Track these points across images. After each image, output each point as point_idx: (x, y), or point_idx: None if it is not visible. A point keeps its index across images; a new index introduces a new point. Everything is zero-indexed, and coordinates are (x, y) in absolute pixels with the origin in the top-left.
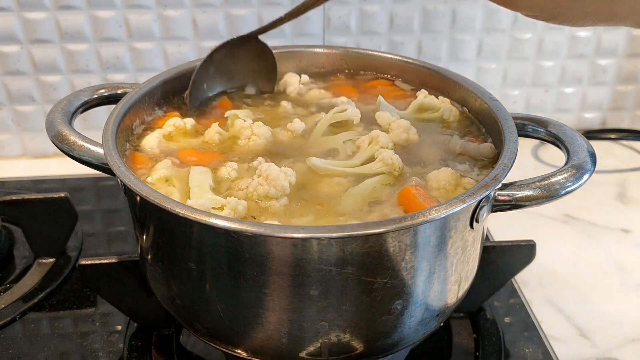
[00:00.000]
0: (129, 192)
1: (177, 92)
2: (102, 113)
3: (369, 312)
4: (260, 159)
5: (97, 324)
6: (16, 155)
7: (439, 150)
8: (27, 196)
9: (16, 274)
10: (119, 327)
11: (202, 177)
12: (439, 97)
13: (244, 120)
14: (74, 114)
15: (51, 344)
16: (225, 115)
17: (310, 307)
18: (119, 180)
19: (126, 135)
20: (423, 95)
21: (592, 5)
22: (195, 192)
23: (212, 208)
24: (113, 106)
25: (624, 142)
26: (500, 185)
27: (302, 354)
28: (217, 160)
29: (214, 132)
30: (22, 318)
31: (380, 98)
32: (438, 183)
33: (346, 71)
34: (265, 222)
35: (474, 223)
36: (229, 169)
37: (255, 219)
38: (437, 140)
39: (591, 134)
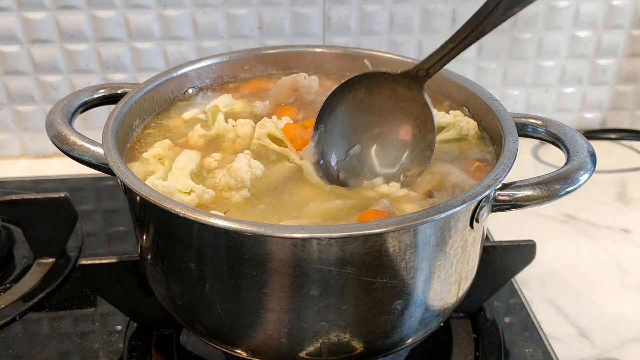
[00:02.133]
0: (128, 192)
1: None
2: (102, 113)
3: (369, 312)
4: (240, 154)
5: (97, 324)
6: (16, 155)
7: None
8: (27, 196)
9: (16, 274)
10: (119, 327)
11: (188, 160)
12: (450, 111)
13: (227, 122)
14: (74, 114)
15: (51, 344)
16: (205, 111)
17: (310, 307)
18: (118, 180)
19: (126, 135)
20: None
21: None
22: (174, 173)
23: (178, 191)
24: (113, 106)
25: (624, 142)
26: (500, 185)
27: (302, 354)
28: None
29: (197, 136)
30: (22, 318)
31: None
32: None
33: (347, 73)
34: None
35: (474, 223)
36: (211, 160)
37: (227, 212)
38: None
39: (591, 134)
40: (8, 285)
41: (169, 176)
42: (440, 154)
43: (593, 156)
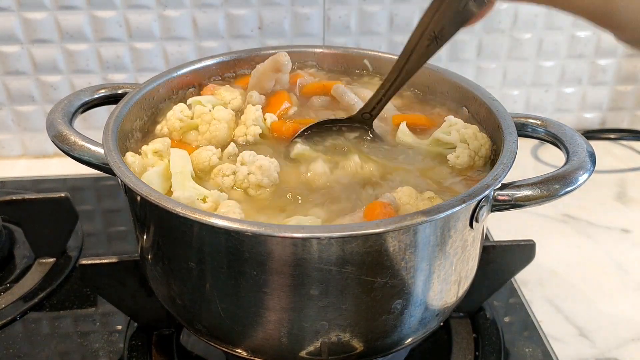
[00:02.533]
0: (129, 192)
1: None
2: (102, 113)
3: (369, 312)
4: (232, 144)
5: (97, 323)
6: (16, 155)
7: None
8: (27, 196)
9: (16, 273)
10: (119, 327)
11: (183, 162)
12: (466, 130)
13: (204, 105)
14: (74, 114)
15: (51, 344)
16: (187, 103)
17: (310, 307)
18: (119, 180)
19: (126, 135)
20: (447, 124)
21: None
22: (178, 180)
23: (197, 199)
24: (113, 106)
25: (624, 142)
26: (499, 185)
27: (302, 354)
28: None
29: (174, 118)
30: (22, 318)
31: (403, 125)
32: (409, 198)
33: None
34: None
35: (474, 223)
36: (209, 153)
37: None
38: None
39: (591, 134)
40: (8, 285)
41: (175, 185)
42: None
43: (592, 156)
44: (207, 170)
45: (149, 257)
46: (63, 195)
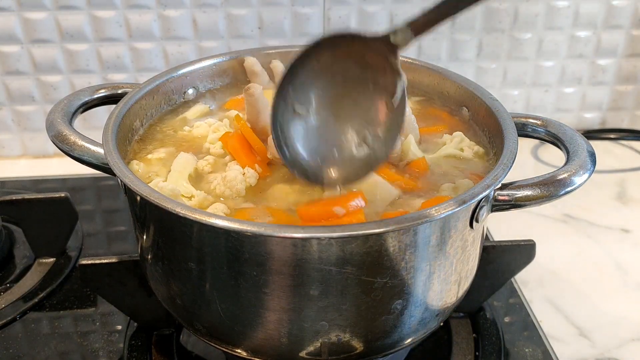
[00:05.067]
0: (129, 192)
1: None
2: (102, 113)
3: (369, 312)
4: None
5: (97, 323)
6: (16, 155)
7: None
8: (27, 196)
9: (16, 273)
10: (119, 327)
11: (186, 163)
12: (466, 148)
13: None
14: (74, 114)
15: (51, 344)
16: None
17: (310, 307)
18: (119, 180)
19: (126, 135)
20: (458, 141)
21: None
22: (173, 176)
23: (182, 195)
24: (113, 106)
25: (624, 142)
26: (500, 185)
27: (302, 354)
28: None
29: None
30: (22, 318)
31: (411, 137)
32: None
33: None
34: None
35: (474, 223)
36: (204, 163)
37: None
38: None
39: (591, 134)
40: (8, 285)
41: (169, 178)
42: None
43: (593, 156)
44: (203, 178)
45: (149, 257)
46: (63, 195)
